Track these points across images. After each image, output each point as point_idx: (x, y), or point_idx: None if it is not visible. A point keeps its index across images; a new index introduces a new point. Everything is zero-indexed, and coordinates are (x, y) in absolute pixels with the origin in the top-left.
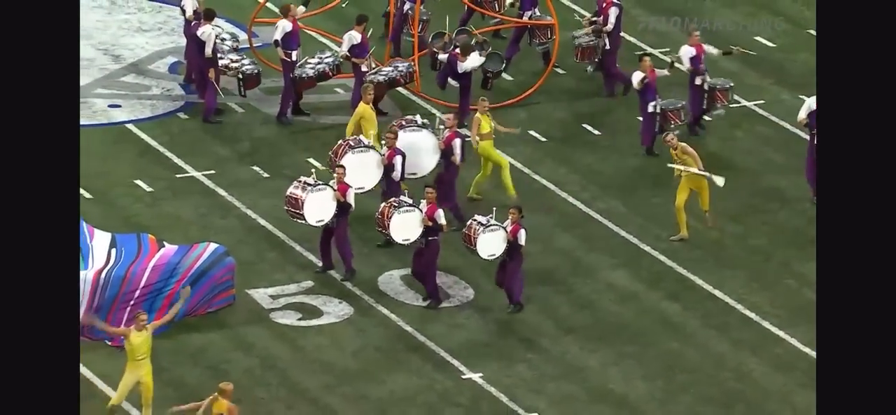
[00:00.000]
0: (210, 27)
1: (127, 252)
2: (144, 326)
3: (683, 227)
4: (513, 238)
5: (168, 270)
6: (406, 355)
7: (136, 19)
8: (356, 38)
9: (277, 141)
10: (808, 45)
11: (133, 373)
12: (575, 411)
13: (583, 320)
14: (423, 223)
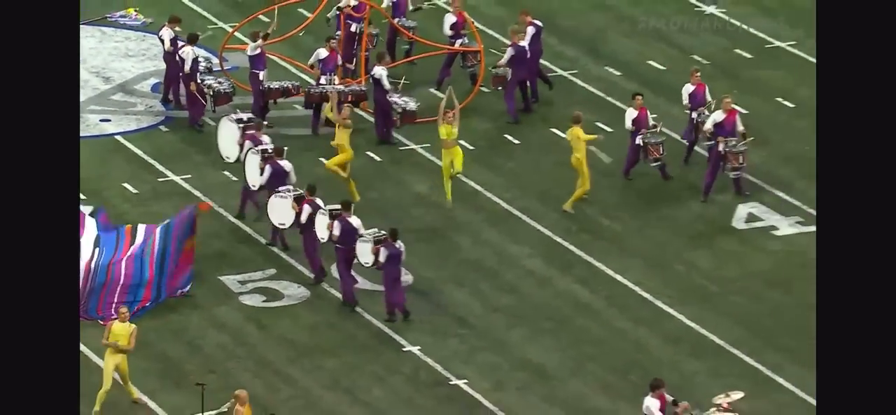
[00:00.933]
0: (191, 48)
1: (108, 247)
2: (126, 318)
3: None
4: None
5: (137, 261)
6: (355, 331)
7: (123, 47)
8: (323, 54)
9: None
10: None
11: (112, 358)
12: (499, 378)
13: (506, 301)
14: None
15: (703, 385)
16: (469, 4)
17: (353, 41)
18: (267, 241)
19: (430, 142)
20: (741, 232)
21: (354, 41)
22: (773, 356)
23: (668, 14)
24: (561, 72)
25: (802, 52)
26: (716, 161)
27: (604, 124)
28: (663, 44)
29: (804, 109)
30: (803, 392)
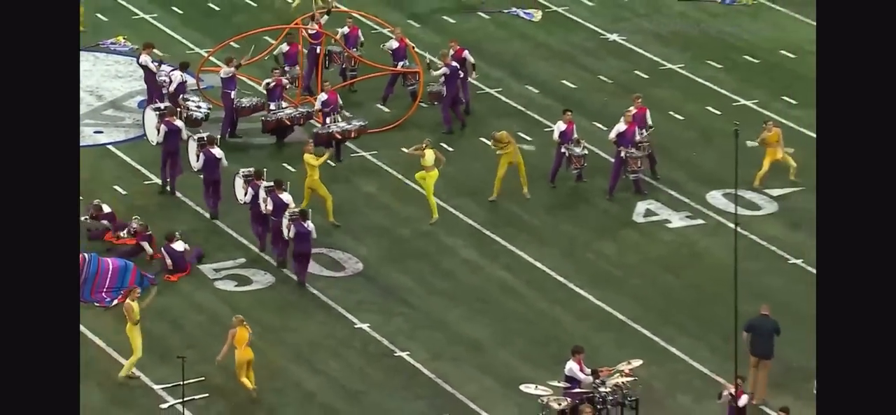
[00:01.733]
0: (179, 73)
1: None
2: (137, 296)
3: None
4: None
5: (121, 261)
6: (314, 311)
7: (113, 69)
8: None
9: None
10: (602, 87)
11: (136, 329)
12: (437, 350)
13: (443, 285)
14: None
15: (609, 355)
16: (409, 32)
17: (314, 63)
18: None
19: (376, 149)
20: (640, 225)
21: (314, 63)
22: (667, 330)
23: (577, 41)
24: (488, 90)
25: (690, 73)
26: (618, 166)
27: (524, 134)
28: (573, 66)
29: (691, 122)
30: (693, 360)
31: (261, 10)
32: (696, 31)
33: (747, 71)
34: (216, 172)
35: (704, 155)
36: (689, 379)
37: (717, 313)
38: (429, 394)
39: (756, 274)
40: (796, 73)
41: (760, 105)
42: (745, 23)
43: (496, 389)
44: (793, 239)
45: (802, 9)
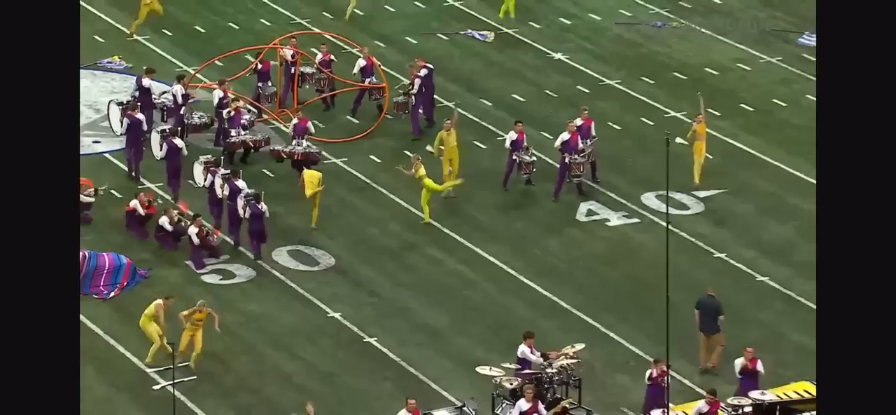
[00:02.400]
0: (179, 86)
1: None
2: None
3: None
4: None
5: (115, 255)
6: (291, 303)
7: (109, 86)
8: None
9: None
10: (548, 100)
11: (152, 324)
12: (402, 336)
13: (407, 279)
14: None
15: (555, 339)
16: (375, 51)
17: (291, 82)
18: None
19: (347, 156)
20: (582, 223)
21: (291, 82)
22: (607, 317)
23: (525, 59)
24: (446, 102)
25: (626, 88)
26: (563, 170)
27: (478, 142)
28: (522, 82)
29: (627, 132)
30: (630, 344)
31: (242, 32)
32: (631, 51)
33: (676, 86)
34: (177, 159)
35: (639, 161)
36: (626, 360)
37: (651, 302)
38: (395, 376)
39: (685, 267)
40: (719, 87)
41: (688, 116)
42: (674, 44)
43: (455, 370)
44: (717, 235)
45: (724, 32)
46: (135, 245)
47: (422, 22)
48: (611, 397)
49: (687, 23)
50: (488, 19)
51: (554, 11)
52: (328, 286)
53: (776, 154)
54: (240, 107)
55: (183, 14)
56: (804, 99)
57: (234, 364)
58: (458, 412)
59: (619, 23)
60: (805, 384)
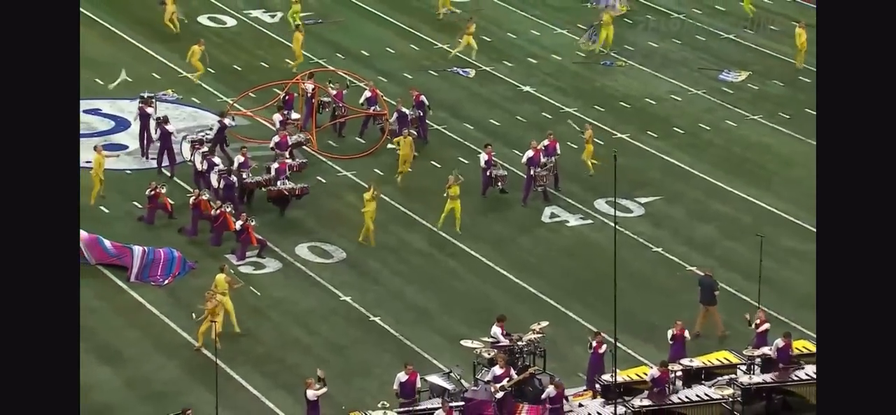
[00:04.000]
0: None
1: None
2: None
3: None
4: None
5: (168, 250)
6: (310, 288)
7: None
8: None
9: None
10: (518, 124)
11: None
12: (399, 316)
13: (403, 269)
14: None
15: (525, 319)
16: (378, 84)
17: (312, 110)
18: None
19: (355, 169)
20: (547, 224)
21: (312, 110)
22: (567, 300)
23: (500, 91)
24: (436, 126)
25: (581, 115)
26: (529, 181)
27: (462, 158)
28: (498, 110)
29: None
30: (585, 322)
31: (271, 70)
32: (586, 84)
33: (621, 113)
34: (169, 142)
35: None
36: (583, 335)
37: (603, 288)
38: (394, 348)
39: (630, 259)
40: (656, 115)
41: (632, 137)
42: (620, 79)
43: (443, 344)
44: (656, 233)
45: (661, 69)
46: (184, 243)
47: (415, 61)
48: (570, 365)
49: (630, 62)
50: (469, 59)
51: (523, 52)
52: (340, 275)
53: (702, 168)
54: (286, 162)
55: (223, 55)
56: (723, 123)
57: (264, 338)
58: (446, 377)
59: (575, 61)
60: (725, 353)
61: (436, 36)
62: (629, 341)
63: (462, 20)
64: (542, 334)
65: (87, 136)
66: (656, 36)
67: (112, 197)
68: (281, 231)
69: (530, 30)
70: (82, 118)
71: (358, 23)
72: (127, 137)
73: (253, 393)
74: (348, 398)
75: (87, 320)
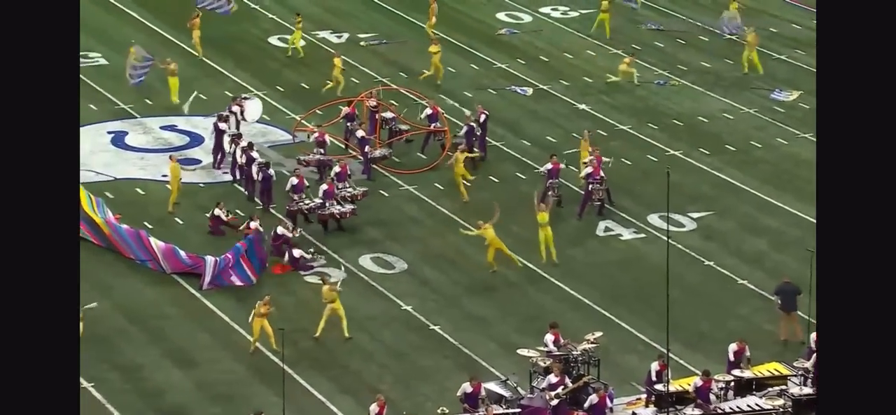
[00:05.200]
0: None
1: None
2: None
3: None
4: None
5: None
6: (373, 297)
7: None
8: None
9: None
10: (574, 142)
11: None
12: (458, 324)
13: (462, 279)
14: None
15: (579, 327)
16: (439, 102)
17: (375, 126)
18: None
19: (417, 184)
20: (601, 238)
21: (375, 126)
22: (619, 310)
23: (557, 109)
24: (495, 142)
25: (635, 132)
26: (587, 196)
27: (520, 174)
28: (554, 126)
29: (636, 166)
30: (637, 331)
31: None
32: (639, 103)
33: (674, 130)
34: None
35: (645, 189)
36: (634, 345)
37: (655, 299)
38: (452, 354)
39: (681, 271)
40: (708, 132)
41: (684, 154)
42: (673, 97)
43: (499, 351)
44: (706, 247)
45: (713, 88)
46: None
47: (476, 80)
48: (623, 373)
49: (683, 81)
50: (527, 78)
51: (579, 72)
52: (401, 285)
53: (752, 184)
54: (346, 163)
55: (291, 73)
56: (774, 140)
57: (328, 344)
58: (503, 384)
59: (629, 80)
60: (776, 364)
61: (494, 55)
62: (681, 351)
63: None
64: (596, 344)
65: (163, 151)
66: (708, 55)
67: (185, 208)
68: (345, 243)
69: (586, 50)
70: (158, 134)
71: (421, 43)
72: (200, 152)
73: (318, 397)
74: (409, 404)
75: (162, 324)
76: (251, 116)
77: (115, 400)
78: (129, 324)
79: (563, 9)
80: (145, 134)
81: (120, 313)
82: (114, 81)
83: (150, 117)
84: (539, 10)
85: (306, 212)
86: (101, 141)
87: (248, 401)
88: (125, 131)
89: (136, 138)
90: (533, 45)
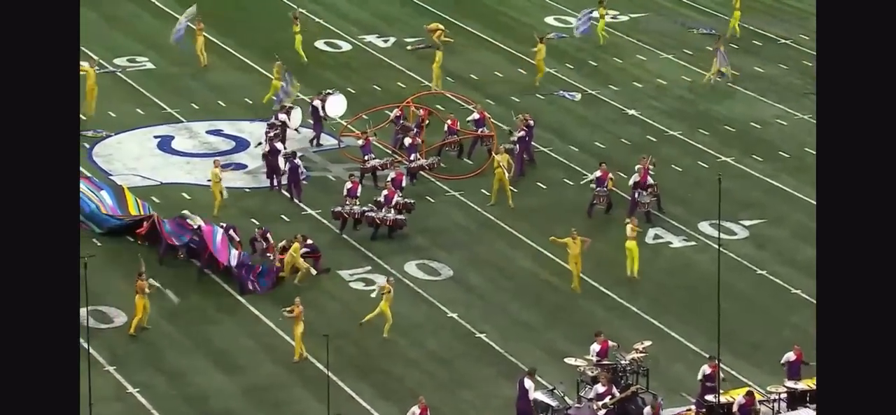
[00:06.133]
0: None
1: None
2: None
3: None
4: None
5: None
6: (418, 304)
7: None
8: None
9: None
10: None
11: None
12: (504, 331)
13: (509, 285)
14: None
15: (628, 337)
16: (486, 107)
17: (421, 132)
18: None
19: (463, 189)
20: (650, 245)
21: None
22: (668, 319)
23: (605, 114)
24: (542, 148)
25: (685, 138)
26: (634, 203)
27: (567, 180)
28: (602, 132)
29: (687, 172)
30: (686, 341)
31: (383, 93)
32: (690, 108)
33: (726, 136)
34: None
35: (696, 196)
36: (683, 354)
37: (705, 308)
38: (498, 362)
39: (733, 280)
40: (761, 138)
41: (736, 161)
42: (724, 102)
43: (546, 360)
44: (760, 256)
45: (766, 94)
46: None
47: (525, 85)
48: (672, 383)
49: (736, 86)
50: (576, 83)
51: (629, 76)
52: (447, 291)
53: (806, 191)
54: (401, 172)
55: (337, 78)
56: None
57: (372, 350)
58: (550, 394)
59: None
60: None
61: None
62: (732, 362)
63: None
64: (645, 354)
65: (209, 155)
66: (762, 60)
67: (230, 213)
68: (392, 250)
69: (635, 54)
70: (204, 138)
71: (467, 48)
72: (246, 156)
73: (361, 404)
74: (451, 410)
75: (207, 330)
76: (334, 111)
77: (160, 405)
78: (174, 329)
79: (612, 12)
80: (191, 138)
81: (163, 318)
82: (160, 85)
83: (196, 122)
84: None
85: (357, 216)
86: (148, 145)
87: (291, 407)
88: (171, 135)
89: (182, 142)
90: (581, 50)
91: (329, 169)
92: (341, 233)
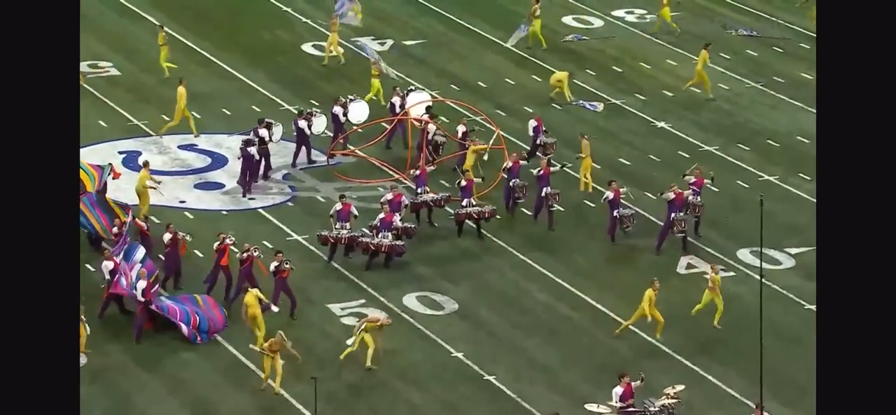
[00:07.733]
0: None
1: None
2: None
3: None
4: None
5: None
6: (418, 342)
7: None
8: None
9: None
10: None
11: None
12: (517, 373)
13: (522, 321)
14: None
15: (657, 379)
16: (495, 116)
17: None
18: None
19: None
20: (682, 275)
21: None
22: (703, 359)
23: (631, 127)
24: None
25: (722, 153)
26: (666, 226)
27: (588, 201)
28: (628, 147)
29: (723, 193)
30: (724, 384)
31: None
32: (727, 119)
33: (768, 152)
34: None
35: (734, 220)
36: (721, 400)
37: (745, 347)
38: (511, 409)
39: (777, 315)
40: (809, 154)
41: (780, 180)
42: (766, 112)
43: (565, 405)
44: (808, 288)
45: (813, 103)
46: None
47: (540, 94)
48: None
49: (779, 95)
50: (598, 91)
51: (658, 85)
52: (451, 328)
53: None
54: (400, 192)
55: (327, 85)
56: None
57: (368, 395)
58: None
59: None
60: None
61: (559, 65)
62: (778, 410)
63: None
64: (678, 399)
65: (181, 174)
66: (809, 65)
67: (204, 237)
68: (388, 281)
69: (666, 59)
70: (176, 154)
71: (476, 51)
72: (223, 174)
73: None
74: None
75: (183, 373)
76: (357, 118)
77: None
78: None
79: (638, 12)
80: (161, 154)
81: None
82: (128, 94)
83: (167, 136)
84: (611, 13)
85: (347, 241)
86: (112, 161)
87: None
88: (138, 151)
89: (150, 159)
90: (604, 54)
91: (318, 189)
92: (330, 261)
